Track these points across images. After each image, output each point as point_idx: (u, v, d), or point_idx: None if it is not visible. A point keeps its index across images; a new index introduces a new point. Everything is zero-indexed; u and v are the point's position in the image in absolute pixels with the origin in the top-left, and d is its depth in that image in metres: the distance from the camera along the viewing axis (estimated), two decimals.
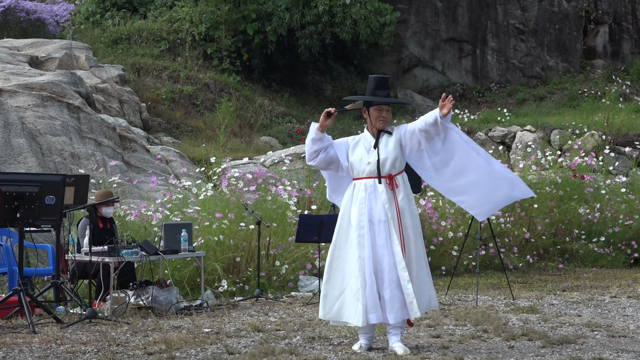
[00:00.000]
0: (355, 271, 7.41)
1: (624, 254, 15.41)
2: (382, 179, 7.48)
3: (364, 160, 7.56)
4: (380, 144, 7.56)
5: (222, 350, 7.54)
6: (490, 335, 8.35)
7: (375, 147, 7.55)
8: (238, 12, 26.02)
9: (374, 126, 7.62)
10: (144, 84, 24.21)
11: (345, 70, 29.90)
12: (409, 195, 7.60)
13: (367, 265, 7.39)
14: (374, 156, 7.52)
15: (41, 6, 30.11)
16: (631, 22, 33.18)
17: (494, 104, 29.40)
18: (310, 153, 7.68)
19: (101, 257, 9.72)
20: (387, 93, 7.64)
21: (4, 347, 7.63)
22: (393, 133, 7.61)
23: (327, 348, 7.71)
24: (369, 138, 7.65)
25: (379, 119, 7.59)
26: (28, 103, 16.26)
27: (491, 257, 14.42)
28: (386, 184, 7.49)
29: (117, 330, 8.61)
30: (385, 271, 7.39)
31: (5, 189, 8.86)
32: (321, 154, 7.66)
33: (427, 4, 31.07)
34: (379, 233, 7.44)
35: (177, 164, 17.68)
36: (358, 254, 7.43)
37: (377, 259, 7.42)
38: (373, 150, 7.54)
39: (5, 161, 13.96)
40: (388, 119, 7.64)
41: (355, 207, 7.53)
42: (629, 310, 10.08)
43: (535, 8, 32.03)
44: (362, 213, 7.47)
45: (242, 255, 11.89)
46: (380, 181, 7.48)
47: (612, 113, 23.73)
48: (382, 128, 7.59)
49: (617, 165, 21.02)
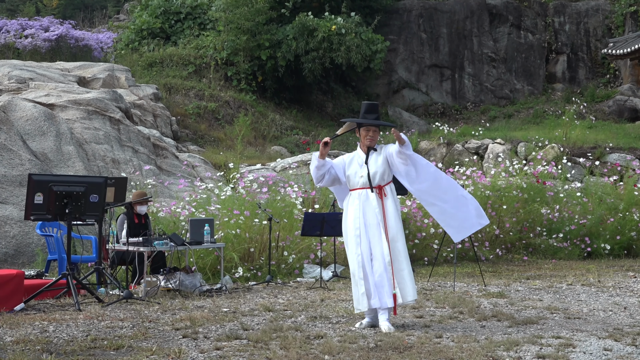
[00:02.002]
0: (355, 265, 7.55)
1: (579, 248, 15.37)
2: (374, 189, 7.60)
3: (358, 174, 7.68)
4: (370, 160, 7.67)
5: (238, 327, 7.52)
6: (465, 316, 8.33)
7: (366, 162, 7.65)
8: (254, 41, 26.05)
9: (363, 144, 7.73)
10: (174, 101, 24.21)
11: (344, 91, 29.91)
12: (395, 202, 7.73)
13: (365, 260, 7.52)
14: (365, 170, 7.64)
15: (88, 34, 30.18)
16: (586, 52, 33.16)
17: (470, 120, 29.39)
18: (317, 177, 7.78)
19: (136, 247, 9.71)
20: (376, 116, 7.74)
21: (54, 322, 7.62)
22: (379, 150, 7.72)
23: (327, 325, 7.70)
24: (361, 155, 7.75)
25: (367, 138, 7.69)
26: (76, 116, 16.26)
27: (466, 250, 14.39)
28: (376, 193, 7.60)
29: (150, 309, 8.59)
30: (377, 264, 7.50)
31: (56, 188, 8.85)
32: (326, 176, 7.79)
33: (414, 36, 31.06)
34: (372, 234, 7.56)
35: (202, 169, 17.67)
36: (356, 250, 7.57)
37: (371, 254, 7.55)
38: (364, 165, 7.65)
39: (56, 165, 13.96)
40: (375, 138, 7.74)
41: (352, 212, 7.67)
42: (582, 296, 10.05)
43: (505, 40, 32.02)
44: (357, 217, 7.61)
45: (255, 246, 11.87)
46: (372, 191, 7.60)
47: (570, 129, 23.71)
48: (370, 145, 7.70)
49: (574, 173, 20.99)
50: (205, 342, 6.80)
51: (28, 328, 7.30)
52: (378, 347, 6.61)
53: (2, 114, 13.71)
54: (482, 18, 31.84)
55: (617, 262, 14.66)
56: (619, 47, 28.00)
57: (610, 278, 12.04)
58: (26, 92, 17.90)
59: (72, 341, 6.73)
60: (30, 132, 14.23)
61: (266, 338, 6.87)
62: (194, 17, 28.79)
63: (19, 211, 11.78)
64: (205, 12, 28.47)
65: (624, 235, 15.68)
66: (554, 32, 33.01)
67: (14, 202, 12.09)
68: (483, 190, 14.98)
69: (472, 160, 22.16)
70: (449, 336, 7.12)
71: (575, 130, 23.60)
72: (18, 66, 20.54)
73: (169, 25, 28.66)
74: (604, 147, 22.46)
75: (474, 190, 14.90)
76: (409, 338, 7.00)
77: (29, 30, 28.72)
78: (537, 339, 6.94)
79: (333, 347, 6.50)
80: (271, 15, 26.42)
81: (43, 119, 14.57)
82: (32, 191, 8.78)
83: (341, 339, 6.90)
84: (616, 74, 32.74)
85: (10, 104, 14.67)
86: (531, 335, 7.12)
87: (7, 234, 11.61)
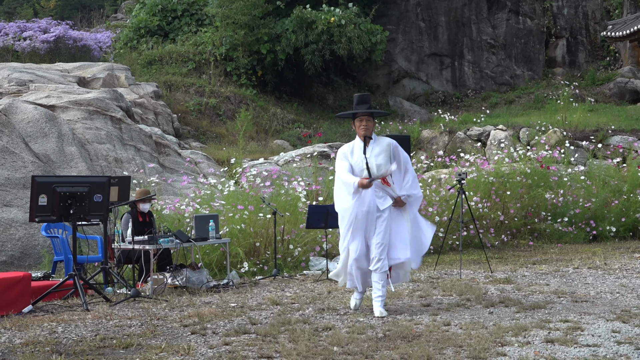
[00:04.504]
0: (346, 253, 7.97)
1: (584, 231, 15.37)
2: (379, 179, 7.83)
3: (362, 165, 7.85)
4: (369, 152, 7.89)
5: (247, 321, 7.53)
6: (473, 303, 8.33)
7: (364, 152, 7.84)
8: (252, 35, 26.01)
9: (359, 134, 7.98)
10: (175, 98, 24.20)
11: (345, 83, 29.86)
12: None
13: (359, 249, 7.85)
14: (364, 162, 7.84)
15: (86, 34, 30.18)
16: (585, 35, 33.07)
17: (471, 108, 29.34)
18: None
19: (142, 245, 9.72)
20: (367, 106, 8.02)
21: (62, 323, 7.64)
22: (378, 140, 7.98)
23: (335, 317, 7.70)
24: (359, 144, 7.97)
25: (361, 127, 7.94)
26: (77, 117, 16.26)
27: (472, 237, 14.39)
28: (380, 181, 7.82)
29: (157, 307, 8.60)
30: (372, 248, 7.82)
31: (60, 189, 8.86)
32: None
33: (413, 25, 30.98)
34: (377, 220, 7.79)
35: (204, 165, 17.67)
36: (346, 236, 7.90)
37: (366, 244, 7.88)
38: (364, 157, 7.84)
39: (59, 166, 13.96)
40: (369, 127, 7.96)
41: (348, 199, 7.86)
42: (589, 279, 10.05)
43: (504, 26, 31.93)
44: (362, 204, 7.79)
45: (261, 240, 11.87)
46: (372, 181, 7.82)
47: (570, 112, 23.67)
48: (366, 134, 7.91)
49: (577, 157, 20.95)
50: (214, 337, 6.81)
51: (37, 330, 7.31)
52: (386, 336, 6.61)
53: (3, 117, 13.71)
54: (480, 5, 31.75)
55: (622, 244, 14.65)
56: (618, 29, 27.93)
57: (616, 260, 12.03)
58: (27, 94, 17.91)
59: (81, 341, 6.74)
60: (32, 134, 14.24)
61: (274, 332, 6.87)
62: (191, 13, 28.75)
63: (23, 213, 11.80)
64: (202, 9, 28.44)
65: (628, 217, 15.67)
66: (553, 16, 32.92)
67: (19, 204, 12.10)
68: (487, 177, 14.97)
69: (474, 147, 22.13)
70: (457, 323, 7.12)
71: (576, 113, 23.55)
72: (18, 69, 20.53)
73: (166, 22, 28.63)
74: (606, 130, 22.42)
75: (478, 177, 14.90)
76: (417, 327, 7.01)
77: (28, 32, 28.72)
78: (545, 324, 6.95)
79: (342, 338, 6.50)
80: (267, 9, 26.37)
81: (44, 120, 14.58)
82: (35, 193, 8.79)
83: (349, 330, 6.91)
84: (616, 56, 32.66)
85: (11, 107, 14.68)
86: (539, 320, 7.12)
87: (12, 236, 11.62)
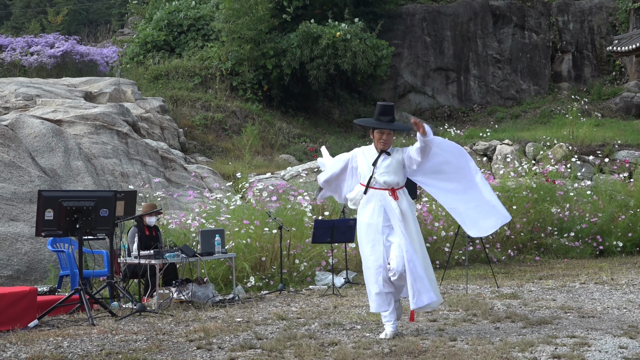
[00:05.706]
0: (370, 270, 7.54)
1: (591, 246, 15.33)
2: (386, 191, 7.39)
3: (368, 174, 7.48)
4: (379, 163, 7.41)
5: (252, 336, 7.52)
6: (479, 318, 8.31)
7: (373, 164, 7.42)
8: (258, 50, 26.09)
9: (377, 147, 7.50)
10: (181, 113, 24.26)
11: (350, 97, 29.90)
12: (409, 203, 7.50)
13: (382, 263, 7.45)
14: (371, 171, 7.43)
15: (93, 49, 30.31)
16: (591, 50, 33.09)
17: (477, 122, 29.34)
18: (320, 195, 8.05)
19: (148, 259, 9.72)
20: (390, 118, 7.42)
21: (68, 338, 7.64)
22: (393, 154, 7.45)
23: (341, 332, 7.69)
24: (373, 153, 7.50)
25: (380, 141, 7.45)
26: (84, 131, 16.31)
27: (478, 252, 14.36)
28: (389, 195, 7.39)
29: (163, 322, 8.60)
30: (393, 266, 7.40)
31: (66, 204, 8.87)
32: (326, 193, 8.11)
33: (418, 39, 31.05)
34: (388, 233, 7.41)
35: (210, 180, 17.68)
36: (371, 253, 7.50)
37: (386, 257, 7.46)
38: (372, 167, 7.43)
39: (65, 180, 14.00)
40: (389, 142, 7.47)
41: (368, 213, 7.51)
42: (596, 294, 10.02)
43: (510, 40, 31.98)
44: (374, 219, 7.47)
45: (266, 255, 11.87)
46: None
47: (576, 127, 23.65)
48: (384, 149, 7.44)
49: (583, 172, 20.93)
50: (220, 352, 6.80)
51: (42, 344, 7.31)
52: (392, 352, 6.60)
53: (10, 132, 13.76)
54: (486, 19, 31.81)
55: (629, 260, 14.61)
56: (623, 44, 27.94)
57: (623, 275, 11.99)
58: (33, 108, 17.97)
59: (86, 356, 6.73)
60: (39, 148, 14.28)
61: (280, 347, 6.86)
62: (197, 28, 28.86)
63: (29, 228, 11.81)
64: (208, 24, 28.55)
65: (635, 232, 15.63)
66: (558, 31, 32.95)
67: (25, 219, 12.13)
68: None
69: (480, 162, 22.12)
70: (463, 339, 7.10)
71: (582, 128, 23.54)
72: (25, 83, 20.62)
73: (172, 37, 28.73)
74: (612, 145, 22.40)
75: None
76: (424, 342, 6.99)
77: (35, 47, 28.85)
78: (551, 339, 6.92)
79: (347, 353, 6.49)
80: (273, 24, 26.46)
81: (51, 135, 14.62)
82: (42, 207, 8.81)
83: (355, 346, 6.89)
84: (622, 71, 32.65)
85: (18, 121, 14.73)
86: (546, 336, 7.10)
87: (18, 251, 11.64)
